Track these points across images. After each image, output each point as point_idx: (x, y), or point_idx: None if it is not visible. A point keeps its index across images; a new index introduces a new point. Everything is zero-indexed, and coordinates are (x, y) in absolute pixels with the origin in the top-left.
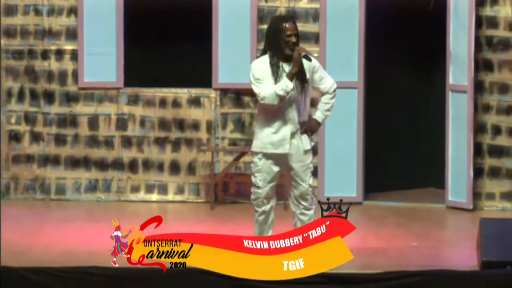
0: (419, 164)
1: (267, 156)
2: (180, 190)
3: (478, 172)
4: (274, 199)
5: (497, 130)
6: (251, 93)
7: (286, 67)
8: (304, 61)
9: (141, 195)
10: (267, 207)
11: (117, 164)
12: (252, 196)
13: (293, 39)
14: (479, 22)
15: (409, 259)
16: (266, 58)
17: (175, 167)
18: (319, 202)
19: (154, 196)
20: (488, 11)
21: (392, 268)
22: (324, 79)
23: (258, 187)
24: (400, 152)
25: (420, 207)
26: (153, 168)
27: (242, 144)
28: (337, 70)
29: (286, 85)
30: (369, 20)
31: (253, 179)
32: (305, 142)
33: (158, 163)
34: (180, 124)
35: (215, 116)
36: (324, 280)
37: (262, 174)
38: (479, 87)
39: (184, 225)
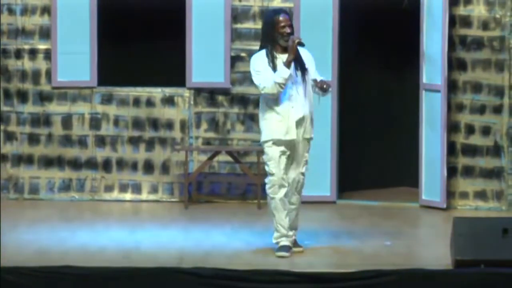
0: (392, 163)
1: (276, 143)
2: (154, 190)
3: (451, 171)
4: (287, 186)
5: (470, 129)
6: (224, 92)
7: (284, 58)
8: (303, 51)
9: (115, 194)
10: (282, 193)
11: (91, 164)
12: (268, 185)
13: (287, 30)
14: (453, 21)
15: (383, 258)
16: (263, 52)
17: (149, 167)
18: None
19: (128, 196)
20: (461, 10)
21: (366, 267)
22: (317, 72)
23: (273, 174)
24: (374, 151)
25: (393, 206)
26: (127, 167)
27: (216, 143)
28: None
29: (283, 72)
30: (342, 18)
31: (266, 168)
32: (308, 130)
33: (132, 162)
34: (154, 124)
35: (189, 116)
36: (298, 279)
37: (274, 161)
38: (452, 86)
39: (158, 225)
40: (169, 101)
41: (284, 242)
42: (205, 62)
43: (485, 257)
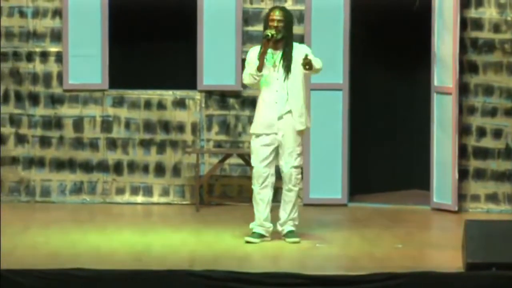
0: (403, 165)
1: (258, 137)
2: (165, 192)
3: (463, 174)
4: (270, 179)
5: (482, 132)
6: (235, 94)
7: (274, 52)
8: (299, 46)
9: (126, 197)
10: (260, 186)
11: (102, 166)
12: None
13: (274, 24)
14: (464, 23)
15: (394, 261)
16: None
17: (160, 169)
18: None
19: (139, 198)
20: (472, 12)
21: (377, 270)
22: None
23: (253, 166)
24: (385, 154)
25: (405, 209)
26: (138, 170)
27: (227, 146)
28: (322, 72)
29: (254, 64)
30: (353, 21)
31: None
32: (298, 123)
33: (143, 165)
34: (165, 126)
35: (200, 118)
36: (309, 282)
37: (254, 154)
38: (464, 88)
39: (169, 227)
40: (180, 103)
41: (257, 229)
42: (216, 64)
43: (497, 260)
